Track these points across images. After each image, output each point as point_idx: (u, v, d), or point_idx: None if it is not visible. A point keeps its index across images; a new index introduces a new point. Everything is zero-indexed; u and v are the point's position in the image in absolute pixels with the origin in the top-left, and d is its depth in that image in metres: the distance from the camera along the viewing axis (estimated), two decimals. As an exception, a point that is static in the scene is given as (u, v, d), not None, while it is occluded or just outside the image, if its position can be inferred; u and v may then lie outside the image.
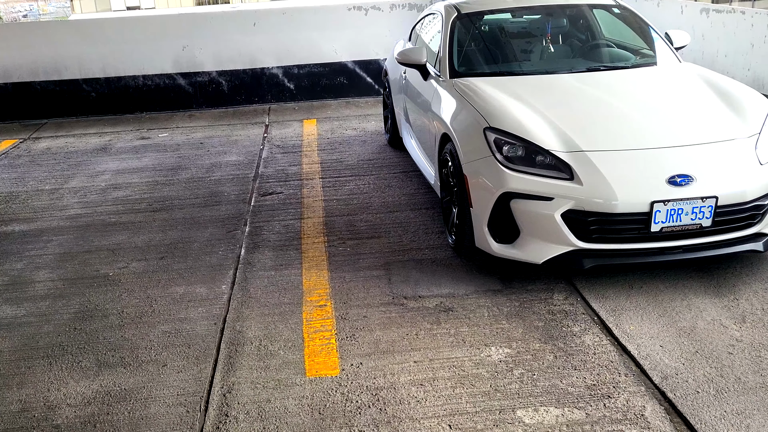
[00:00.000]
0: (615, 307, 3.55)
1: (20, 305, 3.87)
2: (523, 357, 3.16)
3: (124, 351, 3.37)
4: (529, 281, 3.87)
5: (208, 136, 7.54)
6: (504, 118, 3.91)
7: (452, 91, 4.49)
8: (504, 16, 5.41)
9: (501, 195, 3.65)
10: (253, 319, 3.61)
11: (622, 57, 4.99)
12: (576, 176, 3.53)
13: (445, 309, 3.62)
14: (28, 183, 6.16)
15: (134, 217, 5.18)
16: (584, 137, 3.71)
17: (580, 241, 3.54)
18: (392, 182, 5.67)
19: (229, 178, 6.03)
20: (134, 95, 8.68)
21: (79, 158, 6.91)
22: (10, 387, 3.11)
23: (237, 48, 8.69)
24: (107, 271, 4.26)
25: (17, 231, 5.00)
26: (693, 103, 4.17)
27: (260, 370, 3.15)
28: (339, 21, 8.76)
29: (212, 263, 4.30)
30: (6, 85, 8.49)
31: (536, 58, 4.99)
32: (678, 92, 4.37)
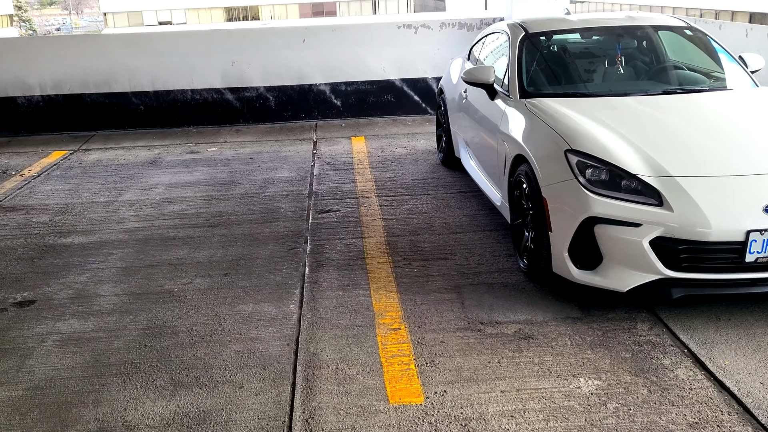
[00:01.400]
0: (704, 340, 3.40)
1: (87, 320, 3.82)
2: (615, 390, 3.03)
3: (198, 370, 3.28)
4: (609, 309, 3.73)
5: (257, 152, 7.51)
6: (586, 140, 3.79)
7: (525, 112, 4.39)
8: (572, 36, 5.31)
9: (585, 220, 3.53)
10: (326, 341, 3.51)
11: (697, 80, 4.86)
12: (665, 202, 3.40)
13: (525, 336, 3.49)
14: (82, 195, 6.14)
15: (192, 231, 5.13)
16: (671, 162, 3.58)
17: (668, 269, 3.40)
18: (451, 202, 5.56)
19: (283, 194, 5.97)
20: (182, 109, 8.70)
21: (131, 171, 6.91)
22: (86, 405, 3.03)
23: (285, 64, 8.69)
24: (172, 287, 4.19)
25: (77, 243, 4.97)
26: (781, 128, 4.03)
27: (341, 396, 3.04)
28: (388, 38, 8.73)
29: (277, 281, 4.22)
30: (57, 96, 8.55)
31: (608, 80, 4.88)
32: (762, 117, 4.23)
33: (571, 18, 5.49)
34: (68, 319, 3.83)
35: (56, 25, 65.04)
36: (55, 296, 4.12)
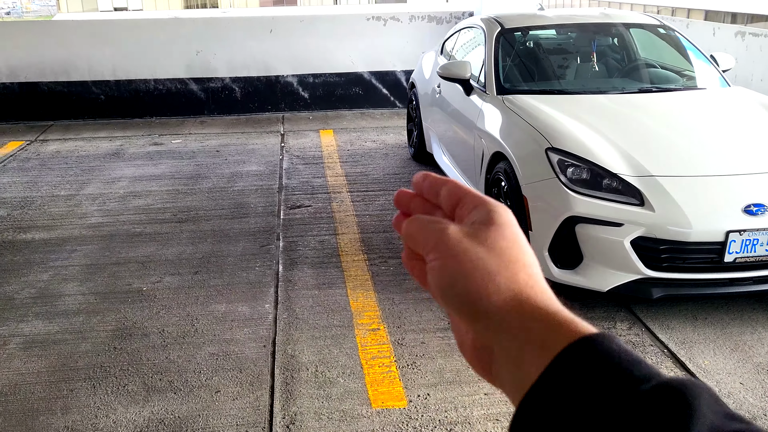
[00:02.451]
0: (683, 339, 3.41)
1: (52, 320, 3.65)
2: (599, 391, 3.00)
3: (172, 374, 3.16)
4: (588, 308, 3.72)
5: (224, 144, 7.34)
6: (566, 138, 3.77)
7: (503, 108, 4.35)
8: (547, 32, 5.29)
9: (566, 219, 3.50)
10: (304, 342, 3.42)
11: (670, 79, 4.88)
12: (647, 202, 3.39)
13: (505, 336, 3.45)
14: (41, 188, 5.91)
15: (160, 227, 4.97)
16: (652, 161, 3.57)
17: (648, 269, 3.40)
18: (424, 198, 5.49)
19: (252, 188, 5.83)
20: (145, 99, 8.45)
21: (92, 163, 6.68)
22: (54, 412, 2.89)
23: (252, 54, 8.50)
24: (140, 286, 4.05)
25: (38, 239, 4.77)
26: (757, 128, 4.06)
27: (322, 400, 2.96)
28: (357, 31, 8.61)
29: (250, 280, 4.11)
30: (12, 84, 8.22)
31: (583, 77, 4.87)
32: (737, 117, 4.27)
33: (546, 14, 5.47)
34: (32, 320, 3.66)
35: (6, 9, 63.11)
36: (16, 296, 3.94)
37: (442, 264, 0.53)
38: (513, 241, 0.54)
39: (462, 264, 0.52)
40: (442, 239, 0.54)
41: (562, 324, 0.49)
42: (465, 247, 0.53)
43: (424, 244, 0.55)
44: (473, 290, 0.51)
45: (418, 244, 0.56)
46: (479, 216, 0.55)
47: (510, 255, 0.53)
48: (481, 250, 0.52)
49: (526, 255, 0.54)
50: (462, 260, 0.52)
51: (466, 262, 0.52)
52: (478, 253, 0.52)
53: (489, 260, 0.52)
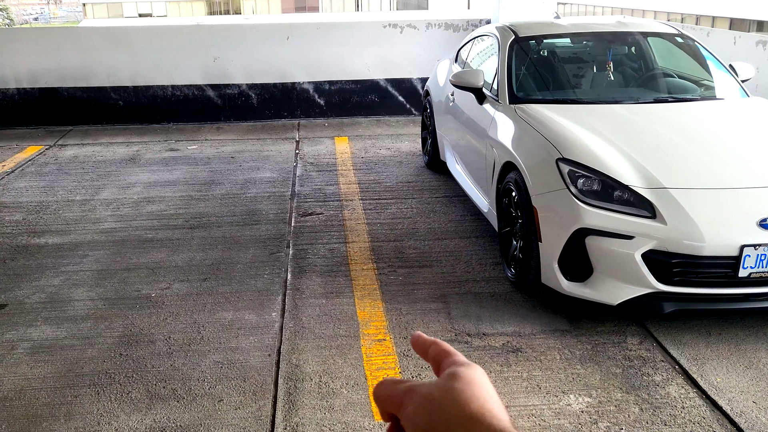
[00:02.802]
0: (696, 356, 3.34)
1: (60, 326, 3.67)
2: (606, 408, 2.95)
3: (176, 382, 3.15)
4: (598, 322, 3.66)
5: (239, 150, 7.36)
6: (578, 149, 3.72)
7: (515, 118, 4.31)
8: (562, 40, 5.24)
9: (576, 231, 3.45)
10: (309, 351, 3.40)
11: (688, 89, 4.81)
12: (659, 214, 3.33)
13: (513, 349, 3.41)
14: (57, 193, 5.97)
15: (171, 233, 4.98)
16: (665, 173, 3.51)
17: (660, 283, 3.34)
18: (436, 207, 5.47)
19: (265, 195, 5.84)
20: (162, 105, 8.52)
21: (108, 168, 6.73)
22: (58, 418, 2.89)
23: (268, 61, 8.53)
24: (149, 292, 4.05)
25: (51, 244, 4.80)
26: (774, 140, 3.98)
27: (324, 411, 2.94)
28: (373, 38, 8.61)
29: (258, 287, 4.10)
30: (33, 89, 8.32)
31: (598, 86, 4.82)
32: (755, 128, 4.19)
33: (561, 22, 5.42)
34: (40, 325, 3.68)
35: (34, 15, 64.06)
36: (27, 300, 3.96)
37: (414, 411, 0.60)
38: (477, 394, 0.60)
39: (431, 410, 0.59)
40: (409, 392, 0.62)
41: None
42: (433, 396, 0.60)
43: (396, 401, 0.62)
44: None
45: (388, 404, 0.63)
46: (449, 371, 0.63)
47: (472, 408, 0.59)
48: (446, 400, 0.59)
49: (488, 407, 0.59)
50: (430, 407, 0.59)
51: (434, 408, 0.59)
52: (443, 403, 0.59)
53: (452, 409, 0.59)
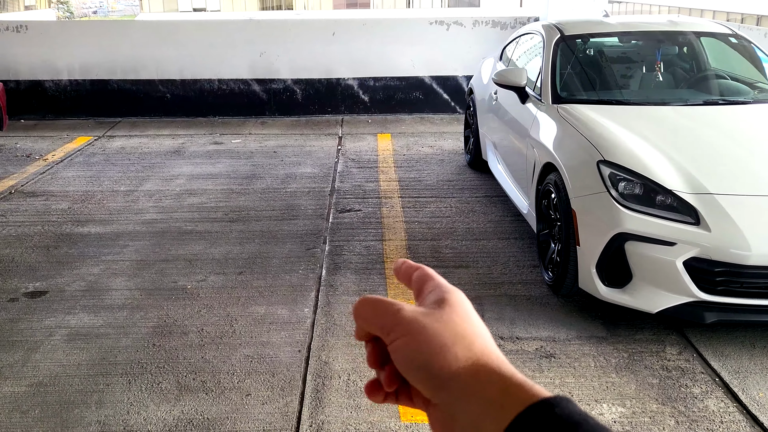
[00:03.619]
0: (738, 369, 3.22)
1: (97, 314, 3.73)
2: (640, 419, 2.86)
3: (206, 374, 3.18)
4: (636, 329, 3.56)
5: (282, 145, 7.40)
6: (619, 151, 3.62)
7: (557, 118, 4.22)
8: (609, 39, 5.11)
9: (615, 235, 3.36)
10: (339, 349, 3.39)
11: (741, 91, 4.64)
12: (703, 221, 3.21)
13: (546, 355, 3.33)
14: (103, 182, 6.09)
15: (211, 226, 5.03)
16: (710, 178, 3.39)
17: (702, 292, 3.22)
18: (476, 207, 5.40)
19: (304, 191, 5.85)
20: (208, 99, 8.62)
21: (153, 160, 6.84)
22: (89, 405, 2.94)
23: (314, 57, 8.56)
24: (185, 284, 4.10)
25: (94, 233, 4.90)
26: (829, 147, 3.81)
27: (351, 410, 2.92)
28: (419, 35, 8.56)
29: (293, 283, 4.11)
30: (84, 81, 8.52)
31: (646, 87, 4.68)
32: (809, 134, 4.02)
33: (610, 21, 5.29)
34: (78, 312, 3.75)
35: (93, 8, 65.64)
36: (67, 288, 4.05)
37: (404, 342, 0.57)
38: (465, 317, 0.59)
39: (420, 339, 0.57)
40: (398, 319, 0.59)
41: (519, 387, 0.53)
42: (421, 324, 0.58)
43: (381, 326, 0.59)
44: (434, 362, 0.56)
45: (372, 326, 0.60)
46: (434, 297, 0.61)
47: (463, 328, 0.58)
48: (436, 325, 0.57)
49: (478, 327, 0.59)
50: (420, 336, 0.57)
51: (424, 337, 0.57)
52: (434, 329, 0.57)
53: (444, 333, 0.57)
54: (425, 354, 0.56)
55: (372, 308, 0.60)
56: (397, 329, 0.58)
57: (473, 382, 0.55)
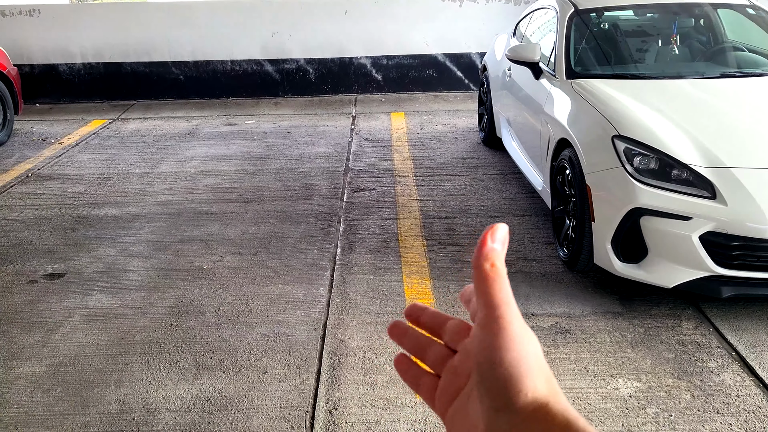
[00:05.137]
0: (755, 342, 3.20)
1: (115, 295, 3.78)
2: (656, 393, 2.86)
3: (223, 353, 3.21)
4: (652, 304, 3.55)
5: (295, 125, 7.40)
6: (635, 126, 3.58)
7: (571, 93, 4.18)
8: (624, 12, 5.04)
9: (630, 210, 3.33)
10: (354, 327, 3.41)
11: (758, 63, 4.57)
12: (719, 195, 3.18)
13: (561, 331, 3.33)
14: (118, 165, 6.13)
15: (225, 207, 5.06)
16: (727, 151, 3.35)
17: (718, 266, 3.20)
18: (490, 184, 5.38)
19: (318, 170, 5.86)
20: (222, 80, 8.63)
21: (168, 142, 6.87)
22: (108, 385, 2.99)
23: (326, 36, 8.52)
24: (201, 264, 4.13)
25: (110, 215, 4.94)
26: None
27: (367, 386, 2.94)
28: (431, 12, 8.49)
29: (308, 262, 4.13)
30: (98, 64, 8.55)
31: (662, 61, 4.62)
32: (829, 105, 3.95)
33: (625, -6, 5.20)
34: (96, 294, 3.80)
35: (105, -9, 65.23)
36: (85, 269, 4.09)
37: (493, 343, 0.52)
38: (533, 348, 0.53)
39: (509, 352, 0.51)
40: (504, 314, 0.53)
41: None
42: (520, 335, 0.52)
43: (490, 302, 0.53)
44: (510, 384, 0.51)
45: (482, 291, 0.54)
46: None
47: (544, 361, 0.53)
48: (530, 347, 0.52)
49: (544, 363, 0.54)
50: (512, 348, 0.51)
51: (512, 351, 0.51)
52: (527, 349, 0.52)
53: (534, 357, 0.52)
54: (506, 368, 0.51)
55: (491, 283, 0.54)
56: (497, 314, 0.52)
57: (540, 420, 0.50)
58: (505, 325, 0.52)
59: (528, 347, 0.52)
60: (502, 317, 0.52)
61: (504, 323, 0.52)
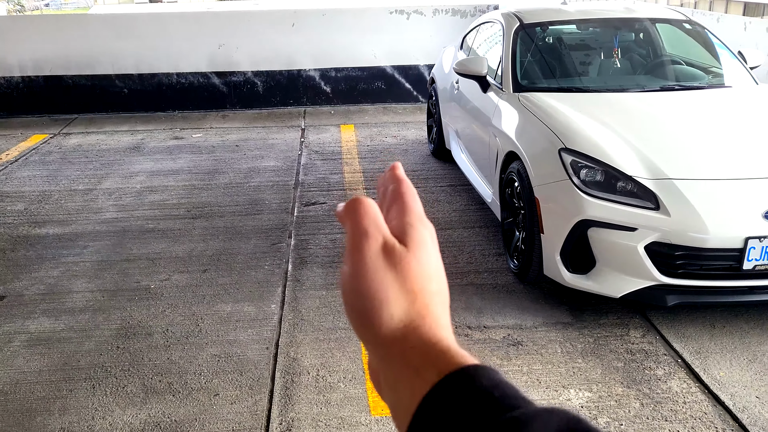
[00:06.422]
0: (699, 349, 3.28)
1: (59, 318, 3.65)
2: (606, 403, 2.91)
3: (172, 376, 3.13)
4: (600, 314, 3.61)
5: (244, 139, 7.32)
6: (581, 139, 3.65)
7: (518, 106, 4.24)
8: (568, 27, 5.15)
9: (578, 222, 3.39)
10: (307, 344, 3.37)
11: (696, 76, 4.72)
12: (662, 206, 3.26)
13: (513, 342, 3.36)
14: (60, 182, 5.95)
15: (173, 223, 4.96)
16: (669, 163, 3.44)
17: (663, 275, 3.28)
18: (440, 196, 5.41)
19: (268, 184, 5.80)
20: (167, 93, 8.48)
21: (112, 157, 6.71)
22: (52, 413, 2.88)
23: (274, 48, 8.47)
24: (148, 283, 4.03)
25: (51, 234, 4.79)
26: (782, 129, 3.89)
27: (321, 405, 2.91)
28: (379, 24, 8.52)
29: (259, 279, 4.07)
30: (38, 77, 8.30)
31: (604, 74, 4.73)
32: (763, 117, 4.10)
33: (568, 8, 5.32)
34: (38, 317, 3.67)
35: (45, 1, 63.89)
36: (25, 292, 3.95)
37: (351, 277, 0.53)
38: (424, 264, 0.54)
39: (366, 285, 0.52)
40: (361, 247, 0.53)
41: (441, 356, 0.50)
42: (376, 266, 0.53)
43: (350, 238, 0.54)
44: (369, 315, 0.52)
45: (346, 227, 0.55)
46: (399, 226, 0.55)
47: (415, 282, 0.53)
48: (389, 275, 0.53)
49: (431, 281, 0.54)
50: (367, 281, 0.52)
51: (370, 283, 0.52)
52: (384, 277, 0.52)
53: (392, 287, 0.52)
54: (363, 302, 0.52)
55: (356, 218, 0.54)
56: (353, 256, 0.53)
57: (398, 347, 0.51)
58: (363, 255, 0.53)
59: (385, 275, 0.52)
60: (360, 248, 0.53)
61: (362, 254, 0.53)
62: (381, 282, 0.52)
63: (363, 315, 0.53)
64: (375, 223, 0.54)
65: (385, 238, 0.54)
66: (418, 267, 0.54)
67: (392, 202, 0.58)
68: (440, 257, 0.57)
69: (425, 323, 0.52)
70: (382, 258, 0.53)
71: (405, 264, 0.53)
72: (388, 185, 0.60)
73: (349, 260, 0.54)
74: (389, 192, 0.59)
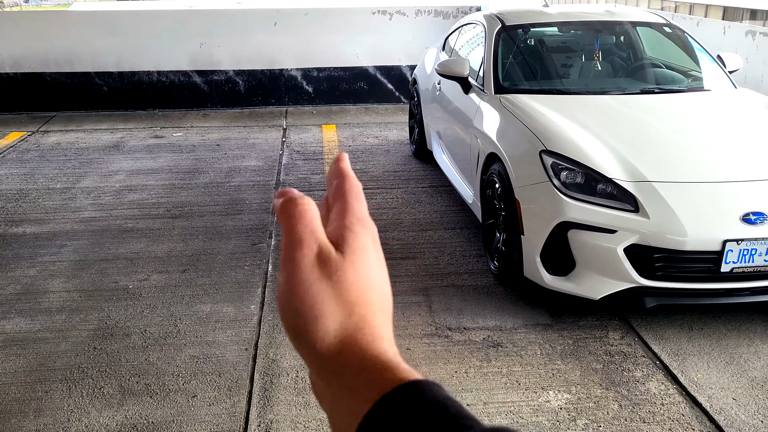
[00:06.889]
0: (677, 351, 3.31)
1: (34, 318, 3.60)
2: (585, 405, 2.92)
3: (150, 377, 3.10)
4: (580, 316, 3.62)
5: (225, 138, 7.27)
6: (561, 141, 3.66)
7: (499, 108, 4.25)
8: (549, 29, 5.17)
9: (558, 224, 3.40)
10: (287, 345, 3.35)
11: (675, 79, 4.76)
12: (642, 208, 3.29)
13: (493, 344, 3.37)
14: (38, 180, 5.88)
15: (152, 223, 4.91)
16: (649, 166, 3.46)
17: (642, 277, 3.30)
18: (422, 197, 5.41)
19: (249, 184, 5.76)
20: (148, 91, 8.41)
21: (91, 155, 6.64)
22: (27, 415, 2.84)
23: (256, 48, 8.42)
24: (126, 284, 3.99)
25: (29, 233, 4.73)
26: (761, 133, 3.93)
27: (300, 407, 2.89)
28: (362, 24, 8.51)
29: (238, 279, 4.04)
30: (16, 74, 8.20)
31: (586, 76, 4.75)
32: (742, 120, 4.14)
33: (549, 11, 5.35)
34: (14, 317, 3.62)
35: (25, -3, 63.06)
36: (1, 291, 3.89)
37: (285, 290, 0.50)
38: (362, 273, 0.52)
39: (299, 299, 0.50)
40: (294, 257, 0.50)
41: (381, 372, 0.48)
42: (310, 279, 0.50)
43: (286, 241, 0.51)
44: (302, 331, 0.50)
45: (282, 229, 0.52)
46: (337, 230, 0.53)
47: (352, 293, 0.51)
48: (323, 287, 0.50)
49: (370, 291, 0.52)
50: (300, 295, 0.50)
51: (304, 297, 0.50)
52: (319, 290, 0.50)
53: (327, 300, 0.50)
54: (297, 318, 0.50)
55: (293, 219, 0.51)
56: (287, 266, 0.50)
57: (335, 362, 0.49)
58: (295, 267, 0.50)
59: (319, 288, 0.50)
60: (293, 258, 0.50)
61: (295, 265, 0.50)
62: (315, 296, 0.50)
63: (297, 331, 0.50)
64: (310, 228, 0.51)
65: (320, 246, 0.51)
66: (354, 276, 0.51)
67: (334, 200, 0.55)
68: (383, 262, 0.55)
69: (363, 336, 0.50)
70: (316, 268, 0.50)
71: (341, 274, 0.50)
72: (332, 180, 0.56)
73: (284, 271, 0.51)
74: (333, 188, 0.56)
